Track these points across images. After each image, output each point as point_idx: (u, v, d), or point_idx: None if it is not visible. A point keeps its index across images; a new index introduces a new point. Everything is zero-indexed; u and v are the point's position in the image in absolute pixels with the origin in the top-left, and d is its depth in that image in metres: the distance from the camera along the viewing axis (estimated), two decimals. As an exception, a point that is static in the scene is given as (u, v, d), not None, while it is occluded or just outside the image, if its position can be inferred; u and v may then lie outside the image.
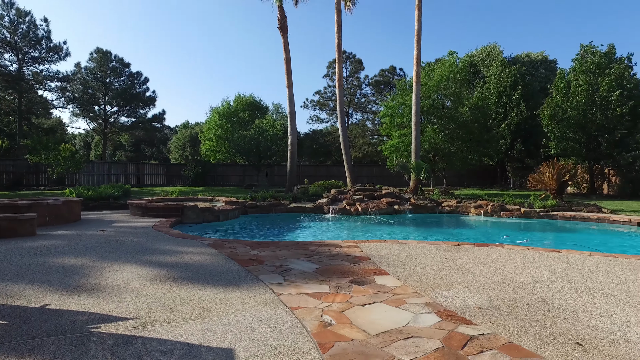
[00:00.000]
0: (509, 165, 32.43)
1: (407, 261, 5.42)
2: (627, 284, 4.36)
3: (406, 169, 16.55)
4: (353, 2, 21.18)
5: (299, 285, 4.20)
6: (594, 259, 5.58)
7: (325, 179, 27.74)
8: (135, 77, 34.28)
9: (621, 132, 22.04)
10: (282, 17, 20.52)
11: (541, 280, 4.45)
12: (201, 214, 10.43)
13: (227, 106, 31.48)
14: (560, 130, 23.15)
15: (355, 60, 44.76)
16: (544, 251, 6.09)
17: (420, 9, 17.62)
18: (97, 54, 32.73)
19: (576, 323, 3.18)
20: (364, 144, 42.93)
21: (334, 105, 45.19)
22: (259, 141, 25.71)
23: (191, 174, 28.01)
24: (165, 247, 6.36)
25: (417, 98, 17.87)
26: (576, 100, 22.44)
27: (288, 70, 20.80)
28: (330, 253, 5.88)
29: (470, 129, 22.75)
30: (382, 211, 12.59)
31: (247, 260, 5.35)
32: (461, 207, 13.11)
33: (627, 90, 22.04)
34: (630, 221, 10.56)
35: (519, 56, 36.98)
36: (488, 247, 6.43)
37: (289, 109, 21.04)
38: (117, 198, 13.41)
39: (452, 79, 22.68)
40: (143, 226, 8.68)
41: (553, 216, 11.81)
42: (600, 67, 22.67)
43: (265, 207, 12.85)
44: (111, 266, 4.96)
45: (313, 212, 12.91)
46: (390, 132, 24.44)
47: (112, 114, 34.92)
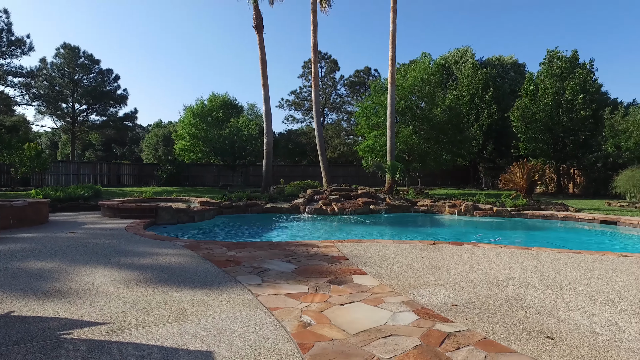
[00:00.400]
0: (481, 165, 33.26)
1: (384, 260, 5.47)
2: (592, 279, 4.55)
3: (381, 169, 16.73)
4: (329, 3, 21.26)
5: (277, 286, 4.18)
6: (562, 255, 5.79)
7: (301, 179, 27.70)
8: (106, 75, 33.24)
9: (585, 134, 23.01)
10: (258, 16, 20.36)
11: (514, 277, 4.59)
12: (176, 214, 10.23)
13: (201, 105, 30.96)
14: (529, 131, 23.94)
15: (331, 61, 44.92)
16: (515, 249, 6.28)
17: (395, 11, 17.86)
18: (64, 50, 31.51)
19: (547, 318, 3.29)
20: (340, 144, 43.12)
21: (309, 105, 45.20)
22: (234, 141, 25.43)
23: (164, 174, 27.41)
24: (139, 249, 6.20)
25: (392, 99, 18.10)
26: (544, 103, 23.28)
27: (264, 70, 20.65)
28: (308, 253, 5.88)
29: (444, 129, 23.21)
30: (358, 211, 12.68)
31: (224, 262, 5.28)
32: (436, 207, 13.35)
33: (590, 94, 23.04)
34: (594, 219, 11.03)
35: (490, 59, 37.99)
36: (462, 245, 6.57)
37: (264, 109, 20.88)
38: (88, 199, 12.97)
39: (426, 80, 23.08)
40: (115, 228, 8.43)
41: (523, 215, 12.19)
42: (566, 71, 23.61)
43: (241, 207, 12.73)
44: (82, 269, 4.79)
45: (289, 212, 12.88)
46: (366, 133, 24.66)
47: (81, 112, 33.76)
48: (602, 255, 5.86)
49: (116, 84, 33.98)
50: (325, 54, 44.31)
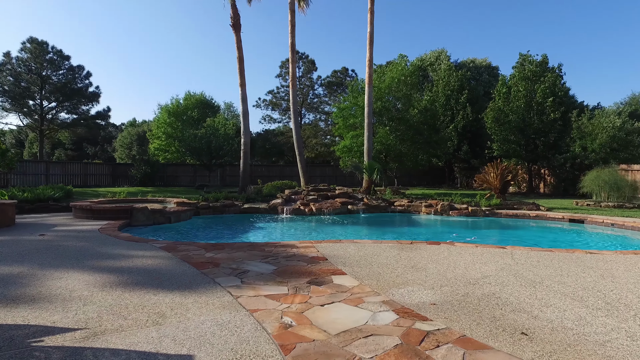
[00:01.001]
0: (456, 165, 33.93)
1: (363, 260, 5.52)
2: (562, 276, 4.71)
3: (359, 170, 16.85)
4: (307, 3, 21.25)
5: (257, 287, 4.15)
6: (535, 254, 5.98)
7: (278, 179, 27.61)
8: (77, 71, 32.16)
9: (554, 136, 23.81)
10: (235, 15, 20.14)
11: (489, 276, 4.71)
12: (151, 215, 10.02)
13: (176, 104, 30.48)
14: (502, 132, 24.59)
15: (308, 61, 44.93)
16: (491, 248, 6.44)
17: (373, 12, 18.03)
18: (30, 44, 30.26)
19: (521, 314, 3.39)
20: (317, 144, 43.19)
21: (286, 105, 45.04)
22: (210, 140, 25.10)
23: (139, 174, 26.78)
24: (114, 251, 6.04)
25: (369, 100, 18.26)
26: (516, 105, 23.97)
27: (241, 69, 20.45)
28: (287, 254, 5.87)
29: (420, 130, 23.58)
30: (336, 211, 12.73)
31: (202, 263, 5.21)
32: (412, 207, 13.55)
33: (559, 98, 23.88)
34: (564, 218, 11.44)
35: (465, 62, 38.82)
36: (440, 245, 6.70)
37: (241, 109, 20.67)
38: (58, 200, 12.53)
39: (402, 81, 23.38)
40: (89, 229, 8.18)
41: (497, 214, 12.51)
42: (536, 75, 24.38)
43: (218, 208, 12.57)
44: (54, 273, 4.63)
45: (267, 212, 12.81)
46: (343, 133, 24.79)
47: (50, 110, 32.57)
48: (572, 252, 6.09)
49: (88, 81, 32.97)
50: (302, 54, 44.31)
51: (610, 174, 16.47)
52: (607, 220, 10.43)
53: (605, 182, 16.31)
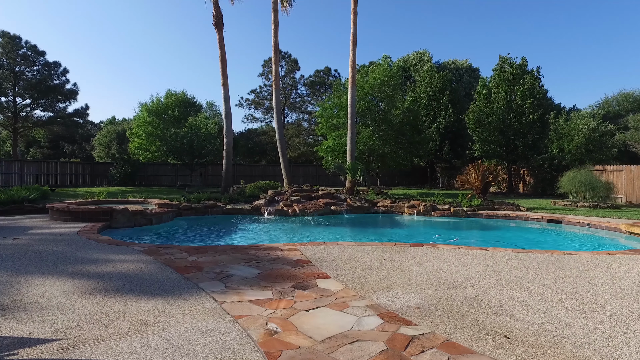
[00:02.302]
0: (438, 165, 34.38)
1: (347, 263, 5.53)
2: (542, 277, 4.82)
3: (342, 170, 16.89)
4: (290, 2, 21.16)
5: (241, 292, 4.12)
6: (516, 255, 6.10)
7: (261, 178, 27.52)
8: (53, 67, 31.24)
9: (533, 137, 24.36)
10: (218, 14, 19.91)
11: (472, 278, 4.78)
12: (132, 217, 9.83)
13: (157, 102, 29.96)
14: (483, 133, 25.02)
15: (291, 60, 44.78)
16: (473, 249, 6.54)
17: (356, 13, 18.08)
18: (2, 38, 29.22)
19: (503, 317, 3.46)
20: (300, 143, 43.12)
21: (269, 104, 44.81)
22: (192, 140, 24.76)
23: (119, 173, 26.23)
24: (94, 255, 5.90)
25: (352, 100, 18.31)
26: (496, 107, 24.43)
27: (223, 69, 20.24)
28: (271, 257, 5.84)
29: (403, 131, 23.77)
30: (320, 212, 12.73)
31: (185, 267, 5.14)
32: (395, 207, 13.66)
33: (537, 100, 24.43)
34: (542, 218, 11.72)
35: (446, 63, 39.34)
36: (423, 247, 6.77)
37: (224, 108, 20.45)
38: (34, 201, 12.14)
39: (385, 82, 23.52)
40: (67, 232, 7.96)
41: (479, 215, 12.72)
42: (516, 77, 24.90)
43: (201, 209, 12.43)
44: (30, 280, 4.49)
45: (250, 213, 12.72)
46: (326, 133, 24.80)
47: (25, 107, 31.59)
48: (551, 254, 6.23)
49: (64, 78, 32.07)
50: (285, 54, 44.14)
51: (586, 175, 16.95)
52: (583, 220, 10.73)
53: (581, 183, 16.78)
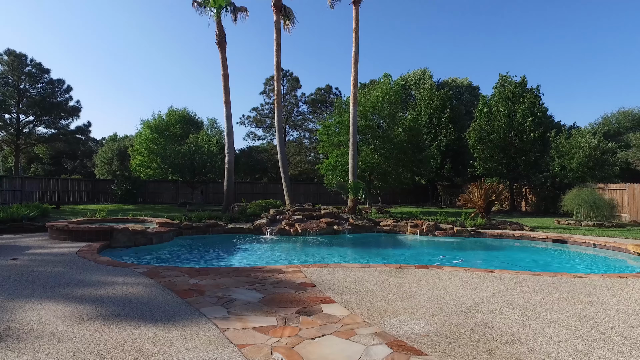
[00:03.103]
0: (439, 183, 34.30)
1: (352, 287, 5.40)
2: (553, 302, 4.68)
3: (344, 189, 16.79)
4: (292, 22, 21.43)
5: (244, 319, 3.98)
6: (524, 278, 5.96)
7: (262, 196, 27.39)
8: (56, 85, 31.52)
9: (535, 155, 24.35)
10: (221, 32, 20.16)
11: (481, 303, 4.64)
12: (133, 236, 9.71)
13: (159, 120, 30.15)
14: (484, 151, 25.04)
15: (293, 78, 45.17)
16: (479, 272, 6.40)
17: (358, 32, 18.29)
18: (8, 56, 29.58)
19: (517, 347, 3.32)
20: (301, 161, 43.14)
21: (271, 122, 45.01)
22: (193, 157, 24.78)
23: (120, 190, 26.16)
24: (93, 277, 5.77)
25: (354, 119, 18.35)
26: (497, 125, 24.50)
27: (226, 87, 20.39)
28: (274, 280, 5.71)
29: (404, 149, 23.78)
30: (322, 231, 12.59)
31: (186, 291, 5.01)
32: (398, 227, 13.51)
33: (538, 118, 24.52)
34: (547, 238, 11.56)
35: (447, 81, 39.68)
36: (428, 269, 6.63)
37: (226, 126, 20.52)
38: (33, 219, 12.02)
39: (387, 100, 23.65)
40: (65, 252, 7.82)
41: (482, 234, 12.58)
42: (516, 95, 25.05)
43: (202, 228, 12.30)
44: (25, 305, 4.35)
45: (252, 232, 12.58)
46: (328, 151, 24.82)
47: (28, 124, 31.74)
48: (560, 276, 6.09)
49: (68, 95, 32.32)
50: (287, 72, 44.56)
51: (590, 194, 16.84)
52: (590, 240, 10.58)
53: (584, 201, 16.66)
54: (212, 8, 20.07)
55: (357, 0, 18.21)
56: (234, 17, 21.16)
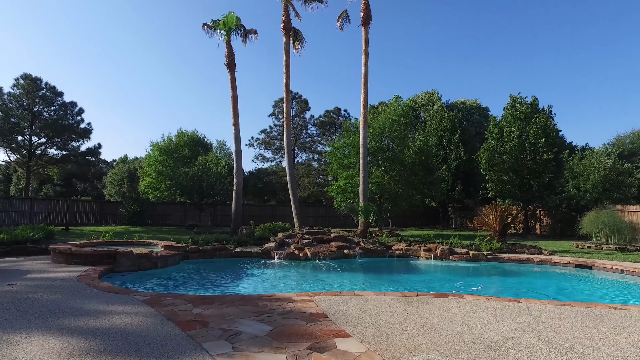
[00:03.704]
0: (450, 206, 33.72)
1: (367, 318, 4.98)
2: (593, 339, 4.21)
3: (355, 212, 16.37)
4: (301, 44, 21.54)
5: (250, 356, 3.59)
6: (554, 308, 5.48)
7: (270, 219, 27.04)
8: (69, 107, 31.97)
9: (549, 176, 23.80)
10: (230, 54, 20.29)
11: (511, 338, 4.19)
12: (137, 260, 9.39)
13: (168, 142, 30.30)
14: (496, 173, 24.58)
15: (301, 101, 45.43)
16: (504, 301, 5.93)
17: (367, 54, 18.24)
18: (24, 80, 30.19)
19: (562, 395, 2.88)
20: (310, 183, 42.89)
21: (279, 144, 45.09)
22: (202, 179, 24.65)
23: (127, 212, 25.99)
24: (89, 306, 5.42)
25: (364, 140, 18.10)
26: (509, 146, 24.10)
27: (235, 108, 20.37)
28: (283, 310, 5.30)
29: (415, 170, 23.41)
30: (332, 256, 12.15)
31: (188, 322, 4.63)
32: (411, 251, 13.03)
33: (551, 138, 24.09)
34: (569, 263, 10.99)
35: (456, 102, 39.56)
36: (448, 297, 6.18)
37: (234, 148, 20.39)
38: (37, 242, 11.77)
39: (397, 121, 23.47)
40: (65, 277, 7.50)
41: (500, 259, 12.04)
42: (528, 116, 24.72)
43: (209, 251, 11.94)
44: (13, 338, 4.00)
45: (260, 257, 12.18)
46: (337, 173, 24.55)
47: (40, 146, 32.07)
48: (593, 307, 5.60)
49: (79, 118, 32.73)
50: (296, 94, 44.88)
51: (609, 216, 16.24)
52: (616, 266, 10.00)
53: (604, 224, 16.05)
54: (222, 30, 20.29)
55: (367, 22, 18.24)
56: (244, 39, 21.35)
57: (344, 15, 19.85)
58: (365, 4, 18.27)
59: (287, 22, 20.25)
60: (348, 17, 19.96)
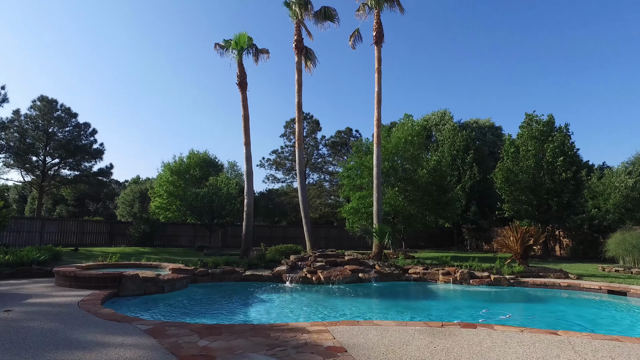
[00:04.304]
0: (464, 227, 32.89)
1: (390, 352, 4.47)
2: (653, 382, 3.66)
3: (369, 233, 15.83)
4: (314, 63, 21.49)
5: (261, 401, 3.13)
6: (600, 344, 4.90)
7: (281, 240, 26.56)
8: (82, 128, 32.30)
9: (568, 196, 23.01)
10: (242, 74, 20.28)
11: (559, 382, 3.65)
12: (143, 284, 8.99)
13: (179, 162, 30.27)
14: (513, 193, 23.92)
15: (313, 121, 45.42)
16: (540, 333, 5.36)
17: (380, 72, 18.06)
18: (40, 102, 30.70)
19: None
20: (321, 204, 42.38)
21: (290, 164, 44.92)
22: (212, 200, 24.40)
23: (137, 233, 25.75)
24: (87, 336, 5.00)
25: (378, 160, 17.71)
26: (526, 165, 23.48)
27: (246, 128, 20.22)
28: (297, 342, 4.82)
29: (429, 191, 22.87)
30: (347, 280, 11.60)
31: (193, 357, 4.18)
32: (429, 274, 12.42)
33: (569, 157, 23.42)
34: (601, 288, 10.28)
35: (468, 122, 39.16)
36: (476, 328, 5.63)
37: (245, 168, 20.14)
38: (43, 263, 11.44)
39: (410, 141, 23.10)
40: (67, 303, 7.10)
41: (523, 283, 11.37)
42: (544, 134, 24.14)
43: (218, 274, 11.49)
44: (-1, 375, 3.61)
45: (271, 280, 11.67)
46: (350, 194, 24.13)
47: (53, 166, 32.32)
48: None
49: (92, 138, 32.99)
50: (307, 114, 44.91)
51: (638, 237, 15.45)
52: (656, 293, 9.29)
53: (633, 246, 15.28)
54: (234, 50, 20.36)
55: (379, 41, 18.13)
56: (255, 58, 21.38)
57: (355, 35, 19.80)
58: (377, 23, 18.20)
59: (299, 42, 20.27)
60: (360, 36, 19.92)
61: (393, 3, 18.57)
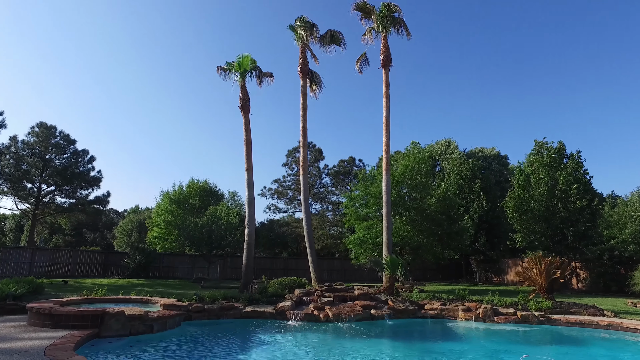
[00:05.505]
0: (472, 258, 31.60)
1: None
2: None
3: (379, 265, 14.69)
4: (319, 87, 20.91)
5: None
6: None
7: (282, 272, 25.30)
8: (81, 155, 31.51)
9: (585, 225, 21.91)
10: (245, 96, 19.67)
11: None
12: (128, 323, 7.89)
13: (179, 191, 29.42)
14: (525, 222, 22.92)
15: (315, 150, 44.76)
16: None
17: (388, 96, 17.43)
18: (39, 128, 30.07)
19: None
20: (323, 235, 41.05)
21: (293, 194, 43.92)
22: (212, 230, 23.34)
23: (132, 264, 24.47)
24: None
25: (387, 187, 16.79)
26: (538, 193, 22.54)
27: (248, 153, 19.41)
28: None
29: (438, 220, 21.85)
30: (357, 317, 10.44)
31: None
32: (447, 311, 11.24)
33: (583, 185, 22.50)
34: (646, 329, 9.13)
35: (473, 151, 38.52)
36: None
37: (247, 195, 19.14)
38: (20, 298, 10.25)
39: (417, 169, 22.30)
40: (31, 349, 5.93)
41: (554, 321, 10.21)
42: (555, 161, 23.33)
43: (215, 311, 10.34)
44: None
45: (273, 317, 10.48)
46: (355, 224, 23.09)
47: (48, 194, 31.35)
48: None
49: (90, 165, 32.10)
50: (310, 143, 44.30)
51: (670, 271, 14.33)
52: None
53: (664, 280, 14.12)
54: (237, 72, 19.82)
55: (387, 65, 17.59)
56: (259, 81, 20.87)
57: (362, 59, 19.32)
58: (385, 46, 17.73)
59: (305, 65, 19.78)
60: (367, 60, 19.44)
61: (400, 27, 18.18)
